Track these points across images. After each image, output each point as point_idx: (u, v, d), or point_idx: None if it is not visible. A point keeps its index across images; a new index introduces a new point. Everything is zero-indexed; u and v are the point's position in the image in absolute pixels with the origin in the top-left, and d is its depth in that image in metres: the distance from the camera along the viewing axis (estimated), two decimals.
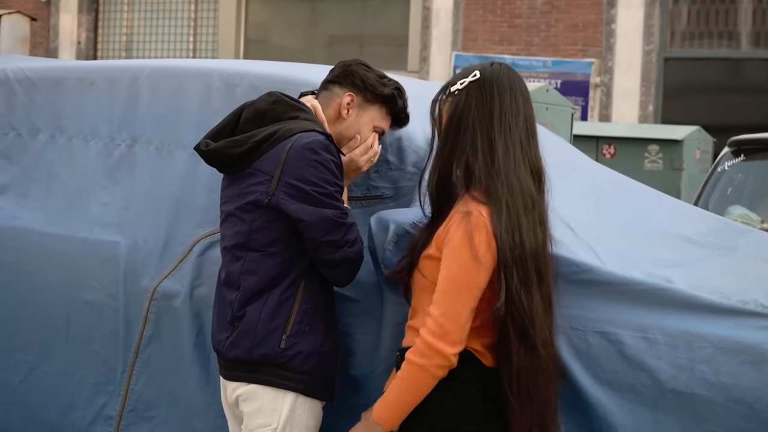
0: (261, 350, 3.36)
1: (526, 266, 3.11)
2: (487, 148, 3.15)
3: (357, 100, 3.58)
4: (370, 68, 3.63)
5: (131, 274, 4.03)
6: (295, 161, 3.33)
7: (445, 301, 3.07)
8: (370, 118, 3.59)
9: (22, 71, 4.57)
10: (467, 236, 3.06)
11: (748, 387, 3.07)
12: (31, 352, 4.27)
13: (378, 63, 3.86)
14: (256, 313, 3.37)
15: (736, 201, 7.28)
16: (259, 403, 3.40)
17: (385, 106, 3.60)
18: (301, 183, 3.32)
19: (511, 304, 3.08)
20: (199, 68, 4.25)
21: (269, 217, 3.37)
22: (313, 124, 3.45)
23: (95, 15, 18.97)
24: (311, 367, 3.39)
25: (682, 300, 3.23)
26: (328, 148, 3.37)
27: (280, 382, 3.37)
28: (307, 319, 3.38)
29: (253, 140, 3.40)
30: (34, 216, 4.32)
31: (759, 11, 14.86)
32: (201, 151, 3.50)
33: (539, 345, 3.12)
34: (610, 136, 11.85)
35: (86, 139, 4.32)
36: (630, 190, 4.46)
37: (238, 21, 17.85)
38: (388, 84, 3.60)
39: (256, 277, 3.39)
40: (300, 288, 3.39)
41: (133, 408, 4.00)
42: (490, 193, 3.11)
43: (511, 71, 3.25)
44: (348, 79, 3.59)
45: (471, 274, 3.06)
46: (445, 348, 3.05)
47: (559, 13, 15.51)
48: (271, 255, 3.38)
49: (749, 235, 4.36)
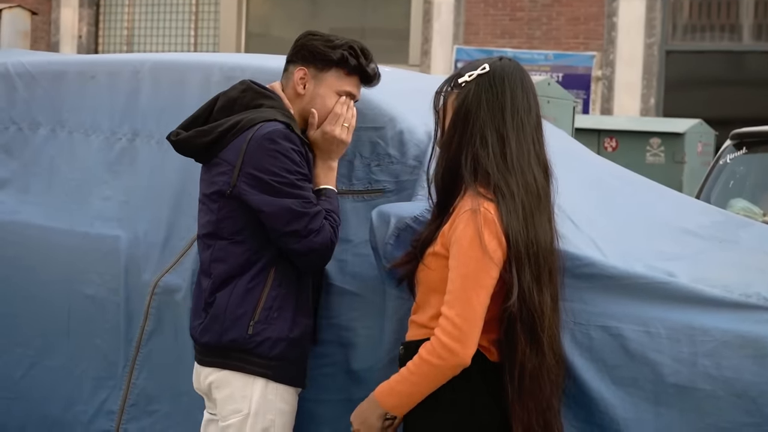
0: (229, 335, 3.40)
1: (539, 263, 3.10)
2: (498, 142, 3.12)
3: (310, 72, 3.53)
4: (318, 35, 3.57)
5: (132, 269, 4.03)
6: (255, 151, 3.35)
7: (461, 301, 3.03)
8: (328, 86, 3.53)
9: (23, 65, 4.57)
10: (477, 234, 3.03)
11: (751, 381, 3.07)
12: (33, 347, 4.27)
13: (379, 56, 3.84)
14: (224, 299, 3.41)
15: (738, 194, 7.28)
16: (230, 390, 3.43)
17: (341, 68, 3.54)
18: (260, 173, 3.34)
19: (522, 301, 3.07)
20: (200, 62, 4.25)
21: (234, 207, 3.40)
22: (276, 112, 3.45)
23: (96, 9, 18.95)
24: (279, 352, 3.41)
25: (684, 294, 3.23)
26: (288, 136, 3.37)
27: (248, 367, 3.40)
28: (276, 305, 3.41)
29: (218, 130, 3.44)
30: (35, 210, 4.32)
31: (761, 4, 14.84)
32: (171, 141, 3.54)
33: (546, 344, 3.11)
34: (611, 129, 11.84)
35: (87, 133, 4.32)
36: (632, 184, 4.45)
37: (239, 14, 17.83)
38: (339, 46, 3.52)
39: (225, 264, 3.42)
40: (270, 274, 3.41)
41: (134, 402, 4.00)
42: (502, 189, 3.08)
43: (519, 66, 3.23)
44: (298, 55, 3.56)
45: (484, 271, 3.04)
46: (462, 351, 3.02)
47: (561, 6, 15.49)
48: (238, 243, 3.42)
49: (751, 228, 4.36)
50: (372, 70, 3.59)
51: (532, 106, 3.20)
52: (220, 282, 3.43)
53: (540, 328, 3.09)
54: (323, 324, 3.59)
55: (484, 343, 3.13)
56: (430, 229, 3.21)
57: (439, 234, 3.15)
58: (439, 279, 3.12)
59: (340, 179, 3.66)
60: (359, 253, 3.54)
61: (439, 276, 3.12)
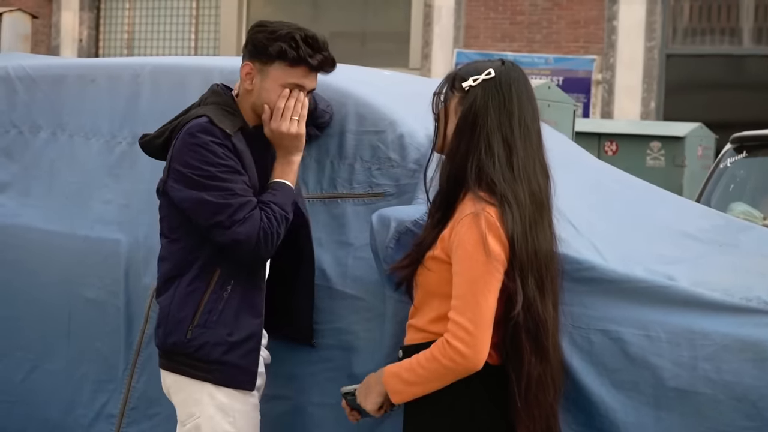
0: (171, 339, 3.42)
1: (542, 271, 3.10)
2: (505, 150, 3.10)
3: (255, 66, 3.47)
4: (264, 27, 3.47)
5: (133, 272, 4.03)
6: (179, 148, 3.37)
7: (470, 306, 3.02)
8: (273, 79, 3.45)
9: (24, 69, 4.57)
10: (481, 238, 3.02)
11: (751, 385, 3.07)
12: (33, 350, 4.27)
13: (380, 60, 3.85)
14: (166, 303, 3.43)
15: (738, 198, 7.27)
16: (183, 395, 3.45)
17: (282, 61, 3.44)
18: (182, 167, 3.35)
19: (527, 311, 3.07)
20: (200, 66, 4.25)
21: (168, 204, 3.43)
22: (211, 108, 3.43)
23: (97, 12, 18.96)
24: (219, 356, 3.39)
25: (684, 297, 3.23)
26: (207, 129, 3.35)
27: (191, 371, 3.41)
28: (216, 307, 3.39)
29: (168, 131, 3.49)
30: (35, 214, 4.32)
31: (761, 7, 14.85)
32: (139, 144, 3.63)
33: (551, 351, 3.11)
34: (612, 133, 11.84)
35: (87, 136, 4.32)
36: (632, 187, 4.45)
37: (240, 18, 17.84)
38: (279, 38, 3.41)
39: (167, 263, 3.46)
40: (213, 276, 3.39)
41: (134, 406, 4.00)
42: (508, 198, 3.06)
43: (522, 71, 3.22)
44: (246, 49, 3.52)
45: (490, 275, 3.04)
46: (475, 356, 3.01)
47: (561, 10, 15.50)
48: (175, 241, 3.44)
49: (751, 231, 4.35)
50: (317, 59, 3.45)
51: (536, 111, 3.20)
52: (164, 281, 3.45)
53: (545, 336, 3.09)
54: (325, 328, 3.59)
55: None
56: (430, 233, 3.20)
57: (439, 238, 3.14)
58: (438, 282, 3.12)
59: (340, 182, 3.66)
60: (360, 256, 3.54)
61: (438, 279, 3.12)
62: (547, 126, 3.36)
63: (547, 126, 3.39)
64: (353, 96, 3.76)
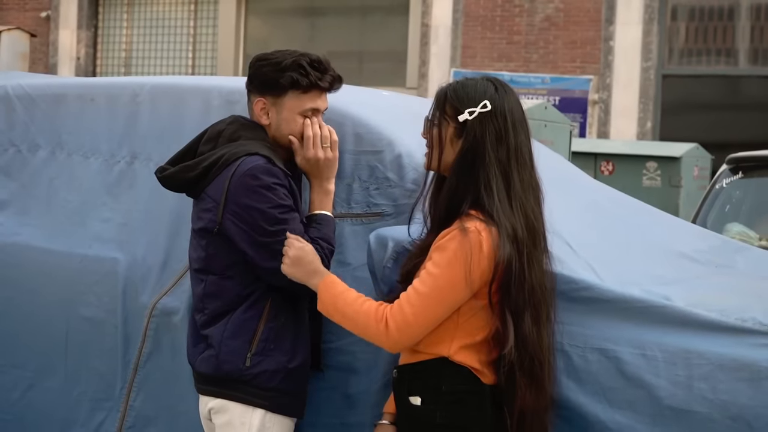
0: (226, 368, 3.40)
1: (539, 306, 3.11)
2: (503, 183, 3.11)
3: (268, 100, 3.50)
4: (266, 60, 3.49)
5: (130, 291, 4.03)
6: (238, 188, 3.34)
7: (422, 305, 3.05)
8: (289, 110, 3.49)
9: (22, 87, 4.58)
10: (466, 256, 3.03)
11: (746, 404, 3.07)
12: (30, 368, 4.27)
13: (377, 79, 3.87)
14: (219, 333, 3.41)
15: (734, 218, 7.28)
16: (229, 416, 3.43)
17: (295, 90, 3.48)
18: (243, 210, 3.34)
19: (523, 348, 3.08)
20: (198, 85, 4.26)
21: (221, 243, 3.40)
22: (257, 145, 3.43)
23: (95, 31, 18.99)
24: (277, 384, 3.42)
25: (680, 317, 3.24)
26: (270, 170, 3.36)
27: (245, 398, 3.41)
28: (272, 336, 3.41)
29: (203, 165, 3.43)
30: (33, 232, 4.33)
31: (757, 29, 14.89)
32: (158, 177, 3.53)
33: (546, 383, 3.12)
34: (608, 153, 11.86)
35: (86, 155, 4.33)
36: (628, 207, 4.46)
37: (237, 37, 17.87)
38: (287, 68, 3.44)
39: (218, 300, 3.43)
40: (266, 307, 3.41)
41: (132, 424, 4.00)
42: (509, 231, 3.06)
43: (514, 94, 3.22)
44: (253, 84, 3.53)
45: (456, 293, 3.06)
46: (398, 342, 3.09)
47: (558, 30, 15.54)
48: (230, 278, 3.42)
49: (747, 252, 4.37)
50: (327, 80, 3.50)
51: (528, 133, 3.21)
52: (215, 316, 3.43)
53: (540, 369, 3.11)
54: (323, 348, 3.59)
55: (477, 365, 3.13)
56: (422, 252, 3.21)
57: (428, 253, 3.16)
58: None
59: (338, 202, 3.66)
60: (357, 276, 3.55)
61: None
62: (543, 146, 3.38)
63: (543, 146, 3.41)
64: (351, 116, 3.77)
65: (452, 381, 3.12)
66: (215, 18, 18.10)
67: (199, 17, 18.36)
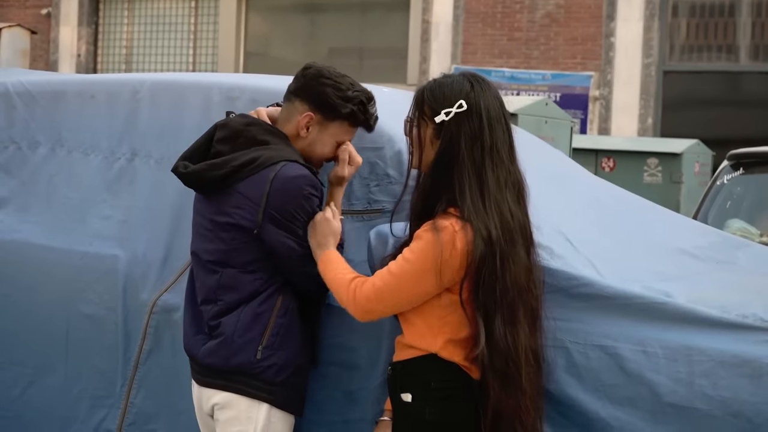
0: (236, 360, 3.41)
1: (512, 307, 3.10)
2: (477, 184, 3.11)
3: (316, 118, 3.51)
4: (330, 79, 3.51)
5: (131, 288, 4.03)
6: (279, 194, 3.37)
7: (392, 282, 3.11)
8: (331, 135, 3.53)
9: (22, 84, 4.57)
10: (437, 247, 3.05)
11: (747, 401, 3.08)
12: (31, 365, 4.27)
13: (377, 76, 3.87)
14: (232, 323, 3.42)
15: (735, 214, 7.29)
16: (235, 412, 3.43)
17: (347, 121, 3.52)
18: (282, 216, 3.37)
19: (493, 349, 3.07)
20: (199, 82, 4.26)
21: (248, 239, 3.41)
22: (294, 153, 3.46)
23: (95, 28, 18.99)
24: (284, 379, 3.43)
25: (681, 314, 3.24)
26: (312, 182, 3.41)
27: (252, 392, 3.41)
28: (282, 332, 3.43)
29: (232, 164, 3.43)
30: (34, 229, 4.33)
31: (758, 25, 14.88)
32: (180, 174, 3.52)
33: (524, 381, 3.10)
34: (609, 149, 11.86)
35: (86, 152, 4.33)
36: (629, 204, 4.46)
37: (238, 34, 17.87)
38: (350, 99, 3.49)
39: (235, 293, 3.44)
40: (277, 301, 3.43)
41: (132, 421, 4.00)
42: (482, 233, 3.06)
43: (491, 89, 3.20)
44: (307, 94, 3.51)
45: (425, 282, 3.08)
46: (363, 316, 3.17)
47: (559, 27, 15.54)
48: (250, 272, 3.44)
49: (748, 248, 4.37)
50: (373, 121, 3.58)
51: (507, 131, 3.19)
52: (229, 307, 3.44)
53: (516, 369, 3.09)
54: (323, 345, 3.59)
55: (464, 362, 3.13)
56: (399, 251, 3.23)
57: None
58: None
59: None
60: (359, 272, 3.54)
61: None
62: (543, 142, 3.37)
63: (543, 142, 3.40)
64: None
65: (441, 377, 3.13)
66: (216, 15, 18.10)
67: (199, 14, 18.35)
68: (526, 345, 3.12)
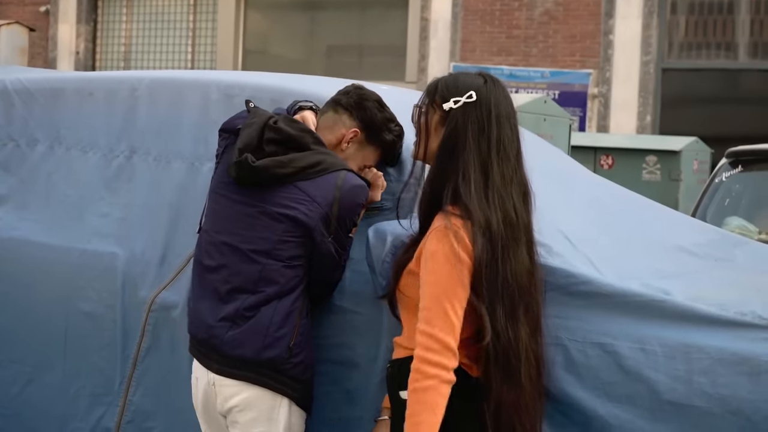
0: (269, 353, 3.41)
1: (513, 299, 3.09)
2: (481, 175, 3.11)
3: (360, 136, 3.60)
4: (382, 107, 3.63)
5: (129, 285, 4.03)
6: (348, 203, 3.46)
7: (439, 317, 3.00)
8: (364, 156, 3.62)
9: (21, 82, 4.57)
10: (451, 249, 3.02)
11: (746, 398, 3.07)
12: (29, 363, 4.27)
13: (376, 74, 3.88)
14: (268, 316, 3.42)
15: (733, 212, 7.29)
16: (256, 413, 3.42)
17: (382, 149, 3.63)
18: (339, 222, 3.47)
19: (496, 340, 3.06)
20: (197, 80, 4.25)
21: (300, 234, 3.44)
22: (345, 162, 3.54)
23: (94, 25, 18.98)
24: (309, 377, 3.47)
25: (680, 311, 3.24)
26: (367, 194, 3.53)
27: (279, 387, 3.42)
28: (305, 331, 3.47)
29: (296, 165, 3.47)
30: (32, 227, 4.33)
31: (757, 22, 14.89)
32: (245, 164, 3.47)
33: (524, 378, 3.10)
34: (608, 146, 11.86)
35: (85, 149, 4.33)
36: (628, 202, 4.46)
37: (237, 31, 17.86)
38: (393, 129, 3.61)
39: (276, 285, 3.44)
40: (304, 303, 3.47)
41: (131, 419, 4.00)
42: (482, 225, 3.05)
43: (503, 89, 3.21)
44: (359, 113, 3.60)
45: (458, 284, 3.02)
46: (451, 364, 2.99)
47: (557, 24, 15.54)
48: (293, 267, 3.46)
49: (747, 246, 4.37)
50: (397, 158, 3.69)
51: (515, 132, 3.19)
52: (268, 299, 3.44)
53: (516, 364, 3.08)
54: (322, 343, 3.58)
55: (465, 360, 3.12)
56: (410, 250, 3.21)
57: (415, 254, 3.15)
58: (414, 298, 3.12)
59: None
60: (357, 270, 3.55)
61: (413, 295, 3.13)
62: (542, 140, 3.37)
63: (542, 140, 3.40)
64: None
65: None
66: (215, 12, 18.09)
67: (198, 11, 18.35)
68: (527, 344, 3.12)
